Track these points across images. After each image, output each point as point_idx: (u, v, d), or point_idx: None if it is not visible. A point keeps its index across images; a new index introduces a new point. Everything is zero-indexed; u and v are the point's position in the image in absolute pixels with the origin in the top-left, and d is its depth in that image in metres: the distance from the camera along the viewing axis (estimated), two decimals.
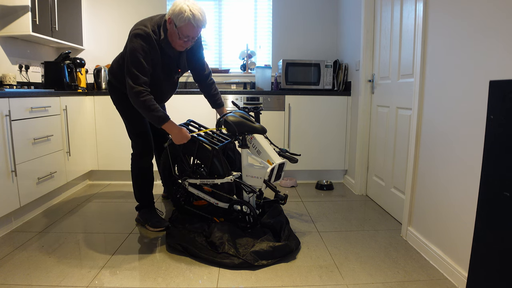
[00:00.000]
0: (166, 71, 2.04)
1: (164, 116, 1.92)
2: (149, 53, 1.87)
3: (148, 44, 1.85)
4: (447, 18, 1.68)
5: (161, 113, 1.90)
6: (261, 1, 3.71)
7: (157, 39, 1.89)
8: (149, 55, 1.87)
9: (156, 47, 1.90)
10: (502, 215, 1.06)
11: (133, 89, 1.83)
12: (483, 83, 1.42)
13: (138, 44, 1.84)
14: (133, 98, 1.86)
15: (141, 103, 1.85)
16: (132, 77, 1.84)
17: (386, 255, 1.88)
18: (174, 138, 2.02)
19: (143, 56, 1.84)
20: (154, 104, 1.88)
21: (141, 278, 1.63)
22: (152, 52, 1.88)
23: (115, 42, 3.63)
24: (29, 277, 1.62)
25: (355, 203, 2.75)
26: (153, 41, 1.87)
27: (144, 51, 1.84)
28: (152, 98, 1.87)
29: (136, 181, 2.26)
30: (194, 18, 1.82)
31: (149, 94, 1.86)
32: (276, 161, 1.99)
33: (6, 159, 2.07)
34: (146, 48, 1.85)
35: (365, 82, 2.83)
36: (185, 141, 2.03)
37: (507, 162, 1.04)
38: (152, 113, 1.88)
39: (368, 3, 2.75)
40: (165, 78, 2.07)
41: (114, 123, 3.13)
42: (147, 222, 2.22)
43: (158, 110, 1.89)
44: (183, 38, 1.89)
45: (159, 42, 1.91)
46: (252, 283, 1.61)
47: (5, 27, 2.66)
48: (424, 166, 1.90)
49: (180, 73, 2.19)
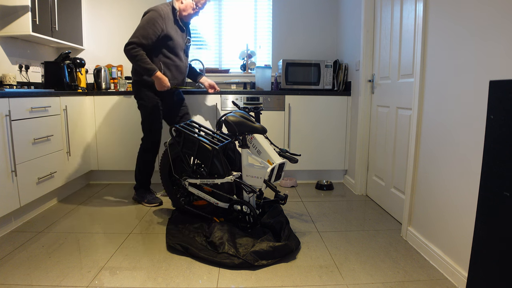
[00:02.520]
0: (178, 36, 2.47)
1: (153, 68, 2.31)
2: (162, 25, 2.33)
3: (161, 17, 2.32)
4: (447, 18, 1.68)
5: (151, 66, 2.30)
6: (261, 1, 3.71)
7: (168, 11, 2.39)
8: (157, 23, 2.31)
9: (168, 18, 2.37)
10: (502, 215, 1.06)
11: (129, 45, 2.28)
12: (483, 83, 1.42)
13: (152, 15, 2.31)
14: (127, 52, 2.28)
15: (133, 56, 2.28)
16: (133, 36, 2.29)
17: (386, 255, 1.88)
18: (157, 84, 2.38)
19: (151, 26, 2.29)
20: (145, 58, 2.29)
21: (141, 278, 1.63)
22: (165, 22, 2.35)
23: (115, 42, 3.62)
24: (29, 277, 1.62)
25: (355, 203, 2.75)
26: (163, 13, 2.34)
27: (155, 22, 2.30)
28: (144, 54, 2.28)
29: (139, 167, 2.67)
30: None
31: (141, 50, 2.28)
32: (276, 161, 1.99)
33: (6, 159, 2.07)
34: (159, 20, 2.31)
35: (365, 82, 2.83)
36: (165, 89, 2.38)
37: (507, 162, 1.04)
38: (143, 65, 2.29)
39: (368, 3, 2.75)
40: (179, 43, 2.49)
41: (114, 123, 3.13)
42: (144, 199, 2.64)
43: (148, 63, 2.29)
44: (196, 7, 2.44)
45: (169, 14, 2.39)
46: (252, 283, 1.61)
47: (5, 27, 2.66)
48: (424, 166, 1.90)
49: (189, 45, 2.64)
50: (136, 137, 3.15)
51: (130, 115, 3.12)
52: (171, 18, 2.40)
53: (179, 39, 2.47)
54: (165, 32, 2.36)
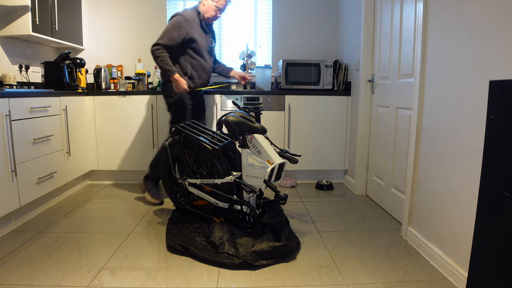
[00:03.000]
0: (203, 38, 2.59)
1: (172, 70, 2.44)
2: (187, 28, 2.46)
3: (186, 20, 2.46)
4: (447, 18, 1.68)
5: (171, 68, 2.44)
6: (261, 1, 3.71)
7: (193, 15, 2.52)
8: (182, 27, 2.44)
9: (193, 21, 2.51)
10: (502, 215, 1.06)
11: (154, 46, 2.44)
12: (483, 83, 1.42)
13: (178, 19, 2.46)
14: (152, 52, 2.44)
15: (156, 56, 2.42)
16: (159, 38, 2.45)
17: (386, 255, 1.88)
18: (174, 86, 2.47)
19: (177, 29, 2.43)
20: (167, 60, 2.44)
21: (141, 278, 1.63)
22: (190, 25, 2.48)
23: (115, 42, 3.63)
24: (29, 277, 1.62)
25: (355, 203, 2.75)
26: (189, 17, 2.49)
27: (180, 26, 2.44)
28: (166, 56, 2.43)
29: (158, 159, 2.59)
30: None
31: (165, 52, 2.43)
32: (276, 161, 1.99)
33: (6, 159, 2.07)
34: (184, 24, 2.45)
35: (365, 82, 2.83)
36: (181, 90, 2.46)
37: (507, 162, 1.04)
38: (164, 66, 2.43)
39: (368, 3, 2.75)
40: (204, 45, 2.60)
41: (114, 123, 3.13)
42: (149, 191, 2.65)
43: (169, 65, 2.44)
44: (218, 10, 2.54)
45: (194, 18, 2.52)
46: (252, 283, 1.61)
47: (5, 27, 2.66)
48: (424, 166, 1.90)
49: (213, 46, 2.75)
50: (136, 137, 3.15)
51: (130, 115, 3.12)
52: (196, 21, 2.53)
53: (203, 41, 2.59)
54: (190, 35, 2.49)
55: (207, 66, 2.67)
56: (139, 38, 3.63)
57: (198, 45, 2.55)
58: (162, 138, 3.14)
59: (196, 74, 2.60)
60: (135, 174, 3.26)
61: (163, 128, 3.13)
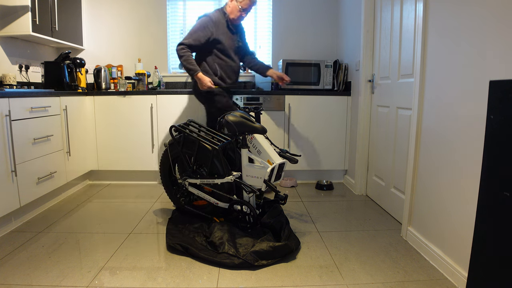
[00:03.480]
0: (228, 39, 2.61)
1: (195, 69, 2.49)
2: (211, 28, 2.50)
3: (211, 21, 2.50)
4: (447, 18, 1.68)
5: (194, 67, 2.49)
6: (261, 1, 3.71)
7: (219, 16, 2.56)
8: (207, 28, 2.49)
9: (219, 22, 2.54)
10: (502, 215, 1.06)
11: (179, 46, 2.49)
12: (483, 83, 1.42)
13: (204, 20, 2.51)
14: (177, 52, 2.49)
15: (180, 55, 2.48)
16: (184, 38, 2.50)
17: (386, 255, 1.88)
18: (199, 84, 2.52)
19: (202, 30, 2.49)
20: (190, 59, 2.49)
21: (141, 278, 1.63)
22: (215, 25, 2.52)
23: (115, 42, 3.63)
24: (29, 277, 1.62)
25: (355, 203, 2.75)
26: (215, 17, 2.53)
27: (205, 27, 2.49)
28: (190, 55, 2.49)
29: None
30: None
31: (189, 51, 2.48)
32: (276, 161, 1.99)
33: (6, 159, 2.07)
34: (209, 24, 2.50)
35: (365, 82, 2.83)
36: (205, 88, 2.49)
37: (507, 162, 1.04)
38: (187, 65, 2.48)
39: (368, 3, 2.74)
40: (230, 45, 2.62)
41: (114, 123, 3.13)
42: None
43: (192, 63, 2.49)
44: (243, 11, 2.55)
45: (220, 18, 2.56)
46: (252, 283, 1.61)
47: (5, 27, 2.66)
48: (424, 166, 1.90)
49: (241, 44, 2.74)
50: (136, 137, 3.15)
51: (130, 115, 3.12)
52: (222, 22, 2.57)
53: (229, 42, 2.62)
54: (215, 36, 2.52)
55: (234, 66, 2.70)
56: (139, 38, 3.63)
57: (224, 46, 2.57)
58: (162, 138, 3.15)
59: (225, 75, 2.63)
60: (135, 174, 3.26)
61: (163, 128, 3.13)
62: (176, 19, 3.71)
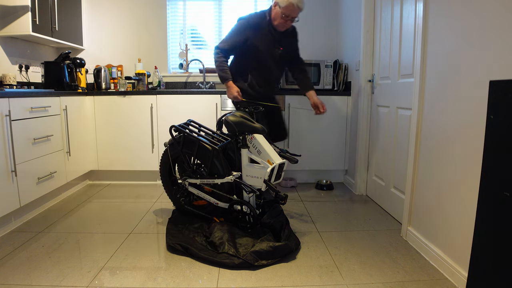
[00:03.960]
0: (266, 45, 2.41)
1: (226, 77, 2.40)
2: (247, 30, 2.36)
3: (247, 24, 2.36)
4: (447, 18, 1.68)
5: (225, 75, 2.40)
6: (261, 1, 3.71)
7: (258, 20, 2.38)
8: (243, 33, 2.36)
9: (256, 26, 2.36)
10: (502, 215, 1.06)
11: (215, 50, 2.42)
12: (483, 83, 1.42)
13: (240, 24, 2.39)
14: (213, 56, 2.43)
15: (215, 60, 2.41)
16: (220, 42, 2.43)
17: (386, 255, 1.88)
18: (227, 93, 2.44)
19: (237, 34, 2.38)
20: (223, 66, 2.41)
21: (141, 278, 1.63)
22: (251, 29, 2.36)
23: (115, 42, 3.63)
24: (29, 277, 1.62)
25: (355, 203, 2.75)
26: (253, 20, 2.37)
27: (242, 30, 2.37)
28: (223, 61, 2.41)
29: None
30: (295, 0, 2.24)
31: (222, 57, 2.40)
32: (276, 161, 1.99)
33: (6, 159, 2.07)
34: (245, 27, 2.37)
35: (365, 82, 2.83)
36: (231, 97, 2.41)
37: (507, 162, 1.04)
38: (220, 72, 2.41)
39: (368, 3, 2.75)
40: (267, 52, 2.42)
41: (114, 123, 3.13)
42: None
43: (225, 71, 2.41)
44: (284, 18, 2.31)
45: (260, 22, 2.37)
46: (252, 283, 1.61)
47: (5, 27, 2.66)
48: (424, 166, 1.90)
49: (282, 52, 2.48)
50: (136, 137, 3.15)
51: (130, 115, 3.12)
52: (262, 27, 2.37)
53: (269, 49, 2.41)
54: (251, 41, 2.37)
55: (271, 75, 2.51)
56: (139, 38, 3.63)
57: (261, 53, 2.40)
58: (162, 138, 3.15)
59: (256, 82, 2.46)
60: (135, 174, 3.26)
61: (163, 128, 3.13)
62: (176, 19, 3.71)
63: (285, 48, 2.45)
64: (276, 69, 2.52)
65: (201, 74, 3.67)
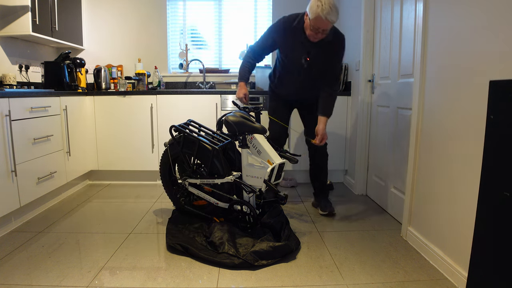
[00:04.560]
0: (293, 52, 2.26)
1: (240, 76, 2.38)
2: (274, 33, 2.26)
3: (276, 27, 2.26)
4: (447, 18, 1.68)
5: (239, 75, 2.38)
6: (261, 1, 3.71)
7: (291, 25, 2.21)
8: (272, 35, 2.27)
9: (285, 31, 2.22)
10: (502, 215, 1.06)
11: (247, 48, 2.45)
12: (483, 83, 1.42)
13: (272, 25, 2.29)
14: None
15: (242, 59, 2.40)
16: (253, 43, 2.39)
17: (386, 255, 1.88)
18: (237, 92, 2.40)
19: (266, 35, 2.30)
20: (244, 66, 2.37)
21: (141, 278, 1.63)
22: (279, 34, 2.25)
23: (115, 42, 3.63)
24: (29, 277, 1.62)
25: (355, 203, 2.75)
26: (282, 25, 2.24)
27: (270, 32, 2.28)
28: (246, 62, 2.37)
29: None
30: (323, 11, 1.99)
31: (249, 57, 2.36)
32: (276, 161, 1.99)
33: (6, 159, 2.07)
34: (273, 30, 2.27)
35: (365, 82, 2.83)
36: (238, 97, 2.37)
37: (507, 162, 1.04)
38: (240, 70, 2.39)
39: (368, 3, 2.74)
40: (294, 59, 2.27)
41: (114, 123, 3.13)
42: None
43: (240, 72, 2.38)
44: (314, 30, 2.09)
45: (290, 27, 2.21)
46: (252, 283, 1.61)
47: (5, 27, 2.66)
48: (424, 166, 1.90)
49: (310, 62, 2.24)
50: (136, 137, 3.15)
51: (130, 115, 3.12)
52: (295, 33, 2.18)
53: (295, 56, 2.24)
54: (278, 45, 2.28)
55: (294, 81, 2.35)
56: (139, 38, 3.63)
57: (288, 58, 2.27)
58: (162, 138, 3.15)
59: (279, 83, 2.43)
60: (135, 174, 3.26)
61: (163, 128, 3.13)
62: (176, 19, 3.71)
63: (312, 59, 2.23)
64: (302, 77, 2.31)
65: (201, 74, 3.67)
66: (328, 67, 2.27)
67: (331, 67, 2.29)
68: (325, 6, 1.98)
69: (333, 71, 2.30)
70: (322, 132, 2.27)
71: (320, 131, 2.27)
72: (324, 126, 2.28)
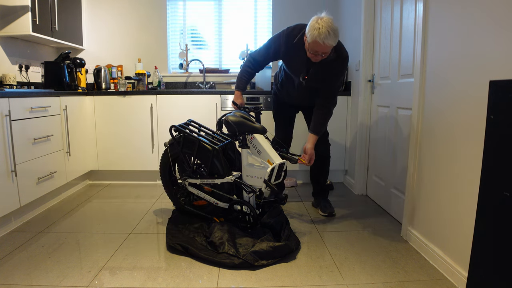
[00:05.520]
0: (292, 68, 2.24)
1: (236, 86, 2.37)
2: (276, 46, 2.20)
3: (278, 41, 2.19)
4: (447, 18, 1.68)
5: (237, 83, 2.36)
6: (261, 1, 3.71)
7: (287, 40, 2.14)
8: (272, 47, 2.22)
9: (284, 46, 2.16)
10: (502, 215, 1.06)
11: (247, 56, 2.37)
12: (483, 83, 1.42)
13: (274, 36, 2.23)
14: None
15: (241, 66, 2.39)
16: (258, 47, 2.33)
17: (386, 255, 1.88)
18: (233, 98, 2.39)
19: (267, 45, 2.24)
20: (241, 75, 2.34)
21: (141, 278, 1.63)
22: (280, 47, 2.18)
23: (115, 42, 3.63)
24: (29, 277, 1.62)
25: (355, 203, 2.75)
26: (284, 38, 2.16)
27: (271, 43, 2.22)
28: (244, 71, 2.33)
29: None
30: (320, 36, 1.91)
31: (249, 67, 2.32)
32: (276, 161, 1.99)
33: (6, 159, 2.07)
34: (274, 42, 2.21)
35: (365, 82, 2.83)
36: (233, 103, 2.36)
37: (507, 162, 1.04)
38: (238, 78, 2.36)
39: (368, 3, 2.74)
40: (294, 73, 2.25)
41: (114, 123, 3.13)
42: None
43: (240, 81, 2.34)
44: (313, 53, 2.00)
45: (291, 43, 2.13)
46: (252, 283, 1.61)
47: (5, 27, 2.66)
48: (424, 166, 1.90)
49: (308, 80, 2.17)
50: (136, 137, 3.15)
51: (130, 115, 3.12)
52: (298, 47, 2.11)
53: (295, 70, 2.20)
54: (281, 58, 2.24)
55: (294, 91, 2.35)
56: (139, 38, 3.63)
57: (288, 68, 2.25)
58: (162, 138, 3.15)
59: (281, 88, 2.45)
60: (135, 174, 3.26)
61: (163, 128, 3.13)
62: (176, 19, 3.71)
63: (310, 76, 2.16)
64: (301, 90, 2.29)
65: (201, 74, 3.67)
66: (327, 85, 2.22)
67: (330, 85, 2.22)
68: (322, 30, 1.90)
69: (331, 89, 2.24)
70: (311, 152, 2.19)
71: (309, 151, 2.19)
72: (313, 146, 2.20)
